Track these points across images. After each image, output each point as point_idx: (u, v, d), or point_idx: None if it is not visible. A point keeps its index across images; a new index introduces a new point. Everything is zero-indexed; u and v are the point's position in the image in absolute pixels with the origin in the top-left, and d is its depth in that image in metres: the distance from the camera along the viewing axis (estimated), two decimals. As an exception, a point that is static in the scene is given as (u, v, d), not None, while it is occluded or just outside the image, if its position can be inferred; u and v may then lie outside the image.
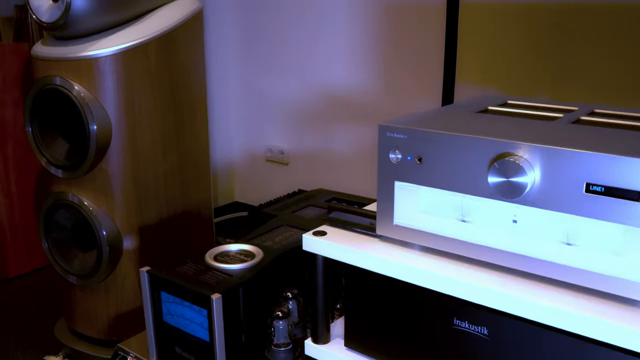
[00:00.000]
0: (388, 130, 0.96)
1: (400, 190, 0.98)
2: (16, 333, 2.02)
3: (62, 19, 1.57)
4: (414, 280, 0.94)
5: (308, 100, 2.50)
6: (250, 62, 2.69)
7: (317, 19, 2.40)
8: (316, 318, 1.10)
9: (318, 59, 2.43)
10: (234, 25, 2.71)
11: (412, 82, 2.17)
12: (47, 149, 1.70)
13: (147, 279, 1.31)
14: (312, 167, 2.56)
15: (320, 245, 1.04)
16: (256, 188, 2.84)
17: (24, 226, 2.37)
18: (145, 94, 1.67)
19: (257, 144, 2.76)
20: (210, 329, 1.23)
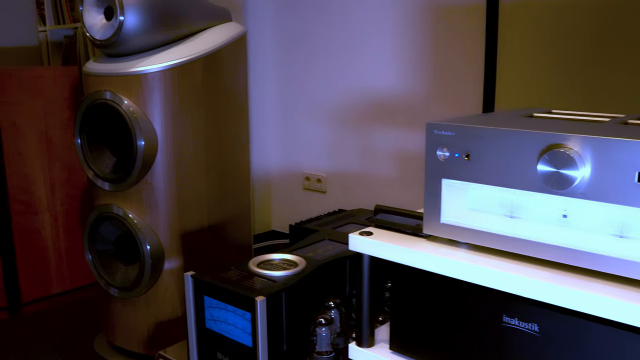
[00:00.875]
0: (435, 128, 0.98)
1: (447, 187, 0.98)
2: (57, 348, 2.04)
3: (114, 37, 1.63)
4: (463, 276, 0.94)
5: (346, 117, 2.52)
6: (287, 81, 2.74)
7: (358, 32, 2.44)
8: (361, 320, 1.10)
9: (354, 78, 2.46)
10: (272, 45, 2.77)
11: (452, 93, 2.18)
12: (95, 162, 1.75)
13: (191, 283, 1.33)
14: (351, 192, 2.56)
15: (367, 244, 1.05)
16: (293, 217, 2.85)
17: (67, 245, 2.42)
18: (190, 110, 1.71)
19: (294, 170, 2.79)
20: (253, 333, 1.23)
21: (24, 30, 2.50)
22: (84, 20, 1.69)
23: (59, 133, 2.34)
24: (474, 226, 0.97)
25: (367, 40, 2.40)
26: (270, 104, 2.83)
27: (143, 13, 1.63)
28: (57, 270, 2.40)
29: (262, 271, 1.34)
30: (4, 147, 2.22)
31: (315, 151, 2.68)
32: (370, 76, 2.41)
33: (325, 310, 1.33)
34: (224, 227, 1.86)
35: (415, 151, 2.31)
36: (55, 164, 2.35)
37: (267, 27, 2.77)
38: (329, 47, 2.54)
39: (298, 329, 1.32)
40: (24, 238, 2.30)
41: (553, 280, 0.85)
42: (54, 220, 2.37)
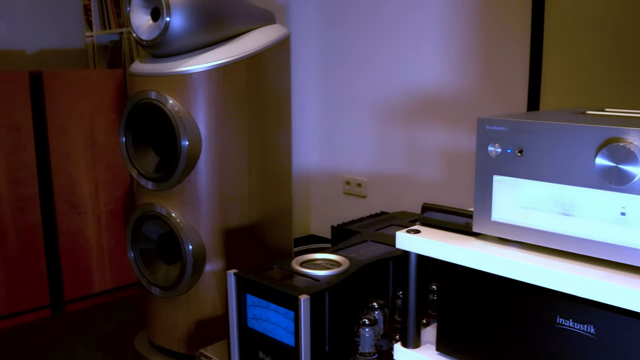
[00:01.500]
0: (487, 123, 0.95)
1: (499, 184, 0.96)
2: (99, 345, 2.06)
3: (160, 37, 1.65)
4: (516, 275, 0.91)
5: (389, 117, 2.51)
6: (327, 82, 2.74)
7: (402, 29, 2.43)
8: (407, 320, 1.08)
9: (397, 75, 2.44)
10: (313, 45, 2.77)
11: (496, 92, 2.15)
12: (138, 161, 1.76)
13: (234, 281, 1.32)
14: (391, 196, 2.54)
15: (415, 242, 1.03)
16: (332, 222, 2.84)
17: (109, 244, 2.45)
18: (234, 110, 1.72)
19: (334, 174, 2.78)
20: (296, 333, 1.22)
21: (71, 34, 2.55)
22: (131, 21, 1.71)
23: (103, 134, 2.38)
24: (526, 224, 0.94)
25: (411, 37, 2.37)
26: (310, 106, 2.83)
27: (189, 14, 1.64)
28: (99, 270, 2.43)
29: (305, 270, 1.33)
30: (51, 147, 2.26)
31: (356, 154, 2.67)
32: (414, 74, 2.39)
33: (368, 311, 1.31)
34: (265, 229, 1.86)
35: (460, 151, 2.28)
36: (99, 164, 2.38)
37: (309, 28, 2.77)
38: (372, 46, 2.53)
39: (340, 329, 1.30)
40: (68, 237, 2.34)
41: (610, 280, 0.82)
42: (97, 220, 2.40)
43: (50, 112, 2.24)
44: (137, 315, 2.31)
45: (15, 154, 2.19)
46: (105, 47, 3.21)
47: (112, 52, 3.16)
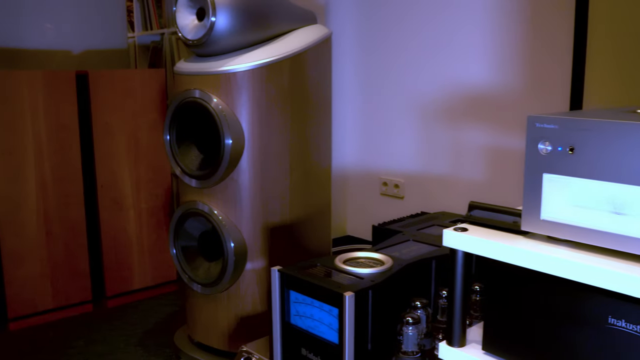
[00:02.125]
0: (537, 121, 0.95)
1: (549, 183, 0.95)
2: (139, 341, 2.10)
3: (205, 37, 1.67)
4: (566, 274, 0.90)
5: (429, 117, 2.50)
6: (366, 82, 2.74)
7: (444, 27, 2.42)
8: (452, 318, 1.08)
9: (437, 75, 2.43)
10: (352, 44, 2.78)
11: (539, 91, 2.13)
12: (182, 158, 1.79)
13: (278, 277, 1.33)
14: (429, 197, 2.53)
15: (462, 240, 1.03)
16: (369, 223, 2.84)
17: (149, 242, 2.48)
18: (277, 109, 1.73)
19: (371, 175, 2.78)
20: (340, 330, 1.23)
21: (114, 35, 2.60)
22: (176, 21, 1.74)
23: (146, 133, 2.42)
24: (576, 223, 0.93)
25: (453, 35, 2.36)
26: (348, 106, 2.84)
27: (234, 14, 1.66)
28: (139, 266, 2.47)
29: (348, 268, 1.33)
30: (95, 145, 2.30)
31: (393, 155, 2.66)
32: (456, 72, 2.37)
33: (411, 310, 1.31)
34: (304, 228, 1.87)
35: (501, 150, 2.26)
36: (141, 163, 2.42)
37: (348, 27, 2.78)
38: (413, 45, 2.52)
39: (383, 328, 1.30)
40: (110, 234, 2.38)
41: (666, 280, 0.81)
42: (138, 218, 2.44)
43: (95, 111, 2.29)
44: (176, 312, 2.34)
45: (61, 152, 2.24)
46: (146, 47, 3.27)
47: (153, 53, 3.21)
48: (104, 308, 2.41)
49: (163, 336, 2.13)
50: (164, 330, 2.18)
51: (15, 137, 2.14)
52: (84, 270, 2.35)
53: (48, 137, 2.20)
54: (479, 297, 1.40)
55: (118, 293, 2.44)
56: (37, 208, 2.21)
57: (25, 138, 2.16)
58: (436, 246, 1.50)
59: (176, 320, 2.26)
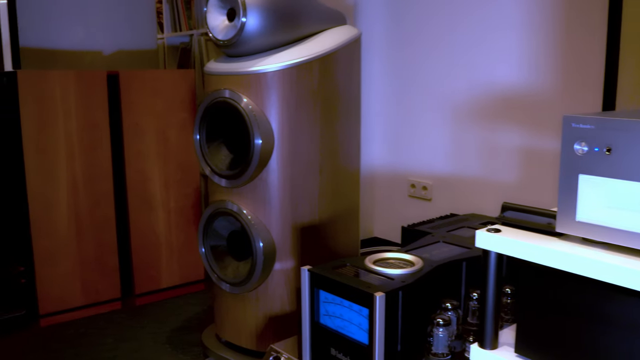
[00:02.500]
0: (574, 121, 0.94)
1: (584, 184, 0.94)
2: (167, 339, 2.11)
3: (235, 37, 1.68)
4: (602, 276, 0.89)
5: (458, 118, 2.48)
6: (395, 82, 2.73)
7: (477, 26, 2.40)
8: (485, 320, 1.07)
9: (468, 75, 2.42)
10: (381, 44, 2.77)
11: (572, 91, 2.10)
12: (212, 158, 1.80)
13: (308, 277, 1.33)
14: (457, 199, 2.52)
15: (495, 241, 1.02)
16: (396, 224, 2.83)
17: (178, 241, 2.51)
18: (306, 110, 1.74)
19: (399, 176, 2.77)
20: (370, 330, 1.22)
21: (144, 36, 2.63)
22: (207, 21, 1.75)
23: (175, 133, 2.44)
24: (612, 225, 0.92)
25: (485, 34, 2.33)
26: (376, 107, 2.83)
27: (264, 15, 1.67)
28: (167, 265, 2.49)
29: (378, 268, 1.33)
30: (125, 144, 2.33)
31: (421, 156, 2.65)
32: (487, 72, 2.35)
33: (442, 312, 1.30)
34: (333, 229, 1.87)
35: (533, 151, 2.24)
36: (170, 163, 2.44)
37: (377, 27, 2.77)
38: (443, 44, 2.51)
39: (412, 329, 1.30)
40: (139, 232, 2.41)
41: None
42: (167, 217, 2.46)
43: (125, 111, 2.32)
44: (204, 311, 2.36)
45: (92, 151, 2.27)
46: (175, 48, 3.30)
47: (182, 54, 3.24)
48: (132, 306, 2.44)
49: (191, 334, 2.14)
50: (192, 328, 2.20)
51: (48, 136, 2.17)
52: (114, 268, 2.38)
53: (79, 137, 2.23)
54: (510, 300, 1.39)
55: (146, 291, 2.46)
56: (68, 206, 2.24)
57: (57, 137, 2.19)
58: (467, 248, 1.49)
59: (204, 319, 2.28)
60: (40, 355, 2.00)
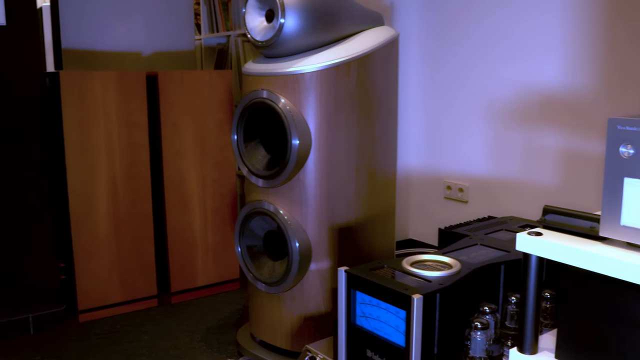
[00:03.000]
0: (619, 124, 0.92)
1: (630, 187, 0.92)
2: (202, 337, 2.13)
3: (274, 38, 1.69)
4: (647, 281, 0.87)
5: (496, 118, 2.46)
6: (431, 84, 2.71)
7: (516, 25, 2.37)
8: (524, 325, 1.05)
9: (508, 76, 2.39)
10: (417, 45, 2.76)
11: (618, 92, 2.06)
12: (249, 158, 1.81)
13: (345, 278, 1.33)
14: (494, 202, 2.49)
15: (537, 244, 1.01)
16: (431, 226, 2.81)
17: (213, 240, 2.53)
18: (344, 111, 1.74)
19: (435, 178, 2.75)
20: (407, 332, 1.22)
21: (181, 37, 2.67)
22: (246, 22, 1.76)
23: (212, 133, 2.46)
24: (660, 230, 0.90)
25: (527, 33, 2.29)
26: (412, 107, 2.82)
27: (303, 16, 1.67)
28: (203, 264, 2.52)
29: (416, 270, 1.32)
30: (163, 144, 2.36)
31: (458, 158, 2.63)
32: (527, 72, 2.32)
33: (480, 315, 1.29)
34: (369, 230, 1.86)
35: (574, 154, 2.20)
36: (207, 162, 2.47)
37: (413, 27, 2.76)
38: (482, 44, 2.48)
39: (450, 332, 1.29)
40: (176, 231, 2.43)
41: None
42: (204, 216, 2.49)
43: (164, 111, 2.35)
44: (239, 310, 2.37)
45: (131, 150, 2.30)
46: (212, 49, 3.33)
47: (219, 55, 3.27)
48: (168, 303, 2.47)
49: (226, 333, 2.16)
50: (227, 327, 2.21)
51: (89, 135, 2.21)
52: (150, 265, 2.41)
53: (119, 136, 2.27)
54: (549, 304, 1.37)
55: (182, 289, 2.49)
56: (108, 204, 2.28)
57: (97, 136, 2.23)
58: (505, 251, 1.47)
59: (239, 318, 2.29)
60: (81, 350, 2.04)
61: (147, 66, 2.62)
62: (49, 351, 2.04)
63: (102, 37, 2.51)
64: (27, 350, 2.05)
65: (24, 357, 2.00)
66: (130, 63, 2.59)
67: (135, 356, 2.00)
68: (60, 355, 2.01)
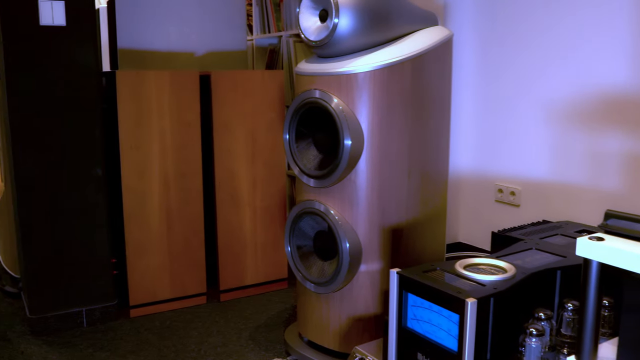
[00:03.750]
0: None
1: (701, 193, 0.88)
2: (251, 335, 2.14)
3: (327, 38, 1.69)
4: None
5: (552, 120, 2.40)
6: (484, 84, 2.67)
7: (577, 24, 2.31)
8: (583, 333, 1.02)
9: (566, 77, 2.33)
10: (470, 45, 2.72)
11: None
12: (301, 158, 1.81)
13: (397, 280, 1.32)
14: (548, 206, 2.43)
15: (599, 249, 0.98)
16: (481, 230, 2.76)
17: (263, 239, 2.54)
18: (397, 111, 1.72)
19: (486, 180, 2.70)
20: (460, 337, 1.20)
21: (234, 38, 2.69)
22: (299, 22, 1.76)
23: (263, 133, 2.47)
24: None
25: (592, 30, 2.22)
26: (464, 108, 2.78)
27: (357, 16, 1.66)
28: (252, 263, 2.53)
29: (469, 274, 1.30)
30: (215, 143, 2.38)
31: (510, 160, 2.58)
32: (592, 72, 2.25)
33: (534, 321, 1.26)
34: (419, 232, 1.84)
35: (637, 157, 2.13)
36: (257, 162, 2.48)
37: (467, 26, 2.72)
38: (541, 43, 2.43)
39: (503, 337, 1.26)
40: (226, 229, 2.46)
41: None
42: (253, 215, 2.50)
43: (216, 110, 2.37)
44: (287, 309, 2.38)
45: (184, 149, 2.33)
46: (263, 49, 3.35)
47: (270, 55, 3.29)
48: (216, 301, 2.49)
49: (274, 332, 2.17)
50: (275, 326, 2.22)
51: (143, 133, 2.25)
52: (200, 263, 2.44)
53: (172, 134, 2.30)
54: (607, 312, 1.33)
55: (231, 287, 2.51)
56: (160, 202, 2.32)
57: (151, 134, 2.27)
58: (562, 256, 1.43)
59: (287, 318, 2.30)
60: (131, 345, 2.08)
61: (200, 66, 2.65)
62: (102, 344, 2.08)
63: (157, 38, 2.55)
64: (79, 343, 2.10)
65: (77, 350, 2.05)
66: (183, 63, 2.63)
67: (185, 352, 2.02)
68: (111, 349, 2.05)
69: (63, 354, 2.02)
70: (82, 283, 2.22)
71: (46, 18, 2.04)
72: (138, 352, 2.02)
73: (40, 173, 2.09)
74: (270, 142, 2.50)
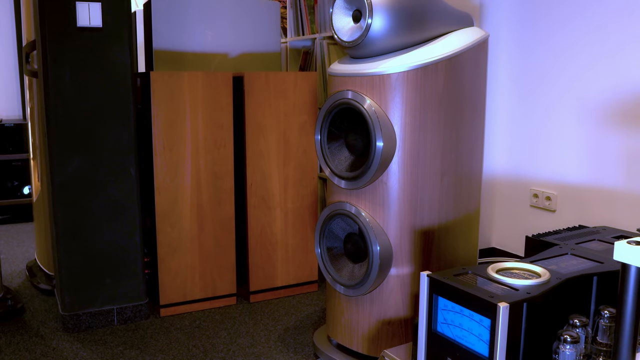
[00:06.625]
0: None
1: None
2: (280, 337, 2.14)
3: (361, 38, 1.68)
4: None
5: (591, 124, 2.35)
6: (519, 87, 2.63)
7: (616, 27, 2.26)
8: (620, 341, 0.99)
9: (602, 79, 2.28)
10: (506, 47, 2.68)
11: None
12: (332, 159, 1.80)
13: (427, 283, 1.30)
14: (585, 212, 2.38)
15: (638, 254, 0.94)
16: (515, 235, 2.72)
17: (294, 241, 2.54)
18: (430, 113, 1.70)
19: (521, 185, 2.66)
20: (491, 342, 1.17)
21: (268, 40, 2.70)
22: (332, 23, 1.76)
23: (295, 134, 2.47)
24: None
25: (634, 30, 2.18)
26: (499, 111, 2.74)
27: (391, 16, 1.65)
28: (282, 265, 2.53)
29: (502, 278, 1.27)
30: (247, 144, 2.39)
31: (547, 165, 2.53)
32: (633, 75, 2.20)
33: (569, 328, 1.22)
34: (451, 236, 1.81)
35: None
36: (289, 163, 2.48)
37: (503, 27, 2.68)
38: (580, 45, 2.37)
39: (536, 344, 1.23)
40: (257, 231, 2.46)
41: None
42: (284, 217, 2.50)
43: (248, 111, 2.38)
44: (316, 312, 2.37)
45: (216, 150, 2.34)
46: (297, 52, 3.35)
47: (304, 57, 3.29)
48: (246, 302, 2.49)
49: (303, 334, 2.16)
50: (304, 328, 2.21)
51: (176, 133, 2.26)
52: (231, 264, 2.44)
53: (204, 135, 2.31)
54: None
55: (261, 289, 2.51)
56: (191, 202, 2.33)
57: (184, 135, 2.28)
58: (598, 262, 1.39)
59: (316, 320, 2.28)
60: (162, 343, 2.09)
61: (233, 67, 2.66)
62: (132, 343, 2.10)
63: (191, 39, 2.57)
64: (110, 341, 2.12)
65: (108, 347, 2.07)
66: (217, 64, 2.64)
67: (214, 352, 2.02)
68: (142, 347, 2.07)
69: (94, 351, 2.04)
70: (114, 282, 2.24)
71: (83, 19, 2.07)
72: (167, 351, 2.03)
73: (76, 173, 2.12)
74: (303, 144, 2.50)
